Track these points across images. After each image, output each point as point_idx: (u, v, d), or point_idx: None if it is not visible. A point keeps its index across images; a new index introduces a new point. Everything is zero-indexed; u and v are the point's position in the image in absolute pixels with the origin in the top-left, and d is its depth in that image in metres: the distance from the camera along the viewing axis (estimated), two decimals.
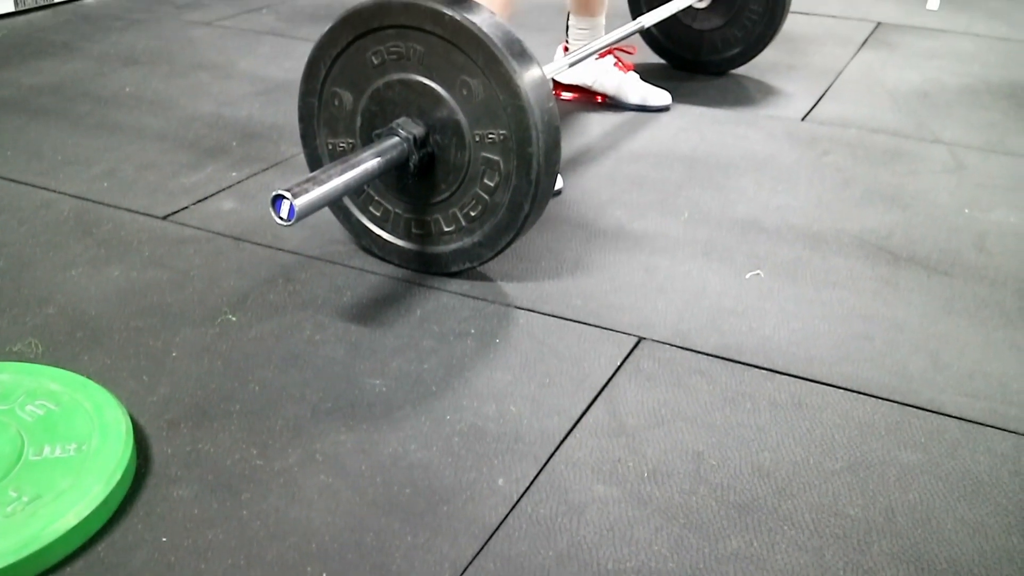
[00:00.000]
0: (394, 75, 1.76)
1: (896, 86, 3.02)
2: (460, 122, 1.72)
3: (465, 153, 1.74)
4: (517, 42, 1.69)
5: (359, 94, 1.81)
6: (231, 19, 3.54)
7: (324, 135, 1.89)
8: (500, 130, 1.69)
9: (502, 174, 1.72)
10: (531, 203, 1.73)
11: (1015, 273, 1.96)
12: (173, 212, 2.11)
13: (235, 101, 2.74)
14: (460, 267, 1.84)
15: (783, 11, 2.88)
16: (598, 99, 2.74)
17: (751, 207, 2.19)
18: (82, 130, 2.54)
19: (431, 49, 1.70)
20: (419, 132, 1.75)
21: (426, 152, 1.76)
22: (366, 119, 1.81)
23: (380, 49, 1.75)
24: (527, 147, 1.68)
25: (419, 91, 1.74)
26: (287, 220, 1.55)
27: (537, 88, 1.67)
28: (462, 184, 1.77)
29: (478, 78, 1.68)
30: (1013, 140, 2.64)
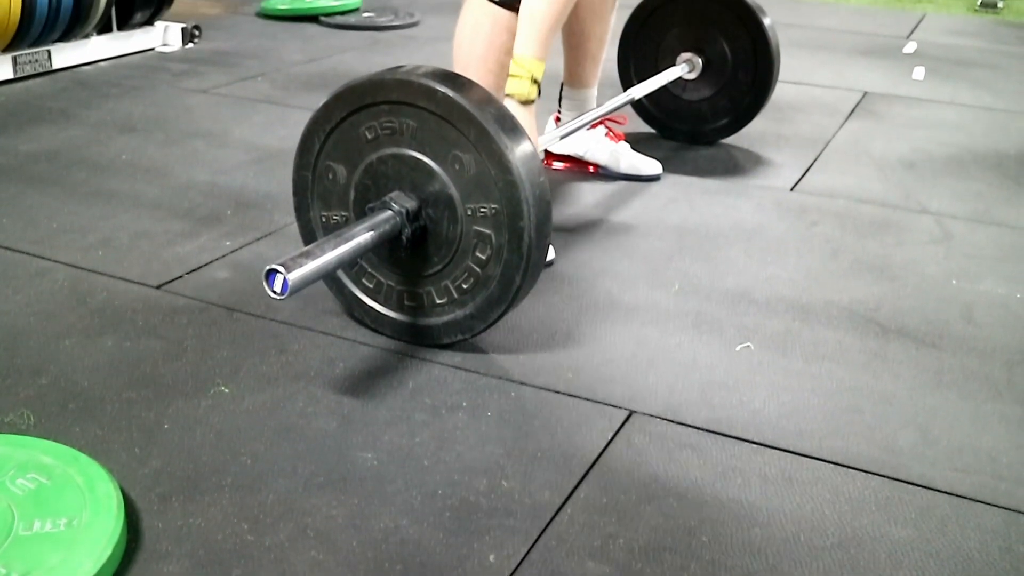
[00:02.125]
0: (387, 150, 1.78)
1: (883, 156, 3.06)
2: (452, 196, 1.75)
3: (457, 227, 1.76)
4: (508, 118, 1.72)
5: (353, 168, 1.83)
6: (226, 87, 3.58)
7: (318, 208, 1.91)
8: (492, 204, 1.71)
9: (494, 247, 1.74)
10: (522, 276, 1.74)
11: (1003, 345, 1.97)
12: (167, 281, 2.12)
13: (230, 169, 2.76)
14: (452, 339, 1.85)
15: (771, 82, 2.93)
16: (589, 168, 2.77)
17: (741, 278, 2.21)
18: (78, 198, 2.56)
19: (424, 124, 1.73)
20: (412, 206, 1.77)
21: (419, 225, 1.78)
22: (360, 192, 1.84)
23: (374, 124, 1.78)
24: (518, 221, 1.70)
25: (412, 165, 1.77)
26: (281, 294, 1.56)
27: (528, 163, 1.69)
28: (454, 257, 1.79)
29: (470, 153, 1.70)
30: (1000, 210, 2.67)
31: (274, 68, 3.86)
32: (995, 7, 5.74)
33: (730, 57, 2.93)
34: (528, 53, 1.98)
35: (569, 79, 2.69)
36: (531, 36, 1.98)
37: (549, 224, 1.76)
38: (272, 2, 4.84)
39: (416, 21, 4.70)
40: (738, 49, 2.92)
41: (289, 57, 4.04)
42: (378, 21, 4.65)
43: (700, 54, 2.94)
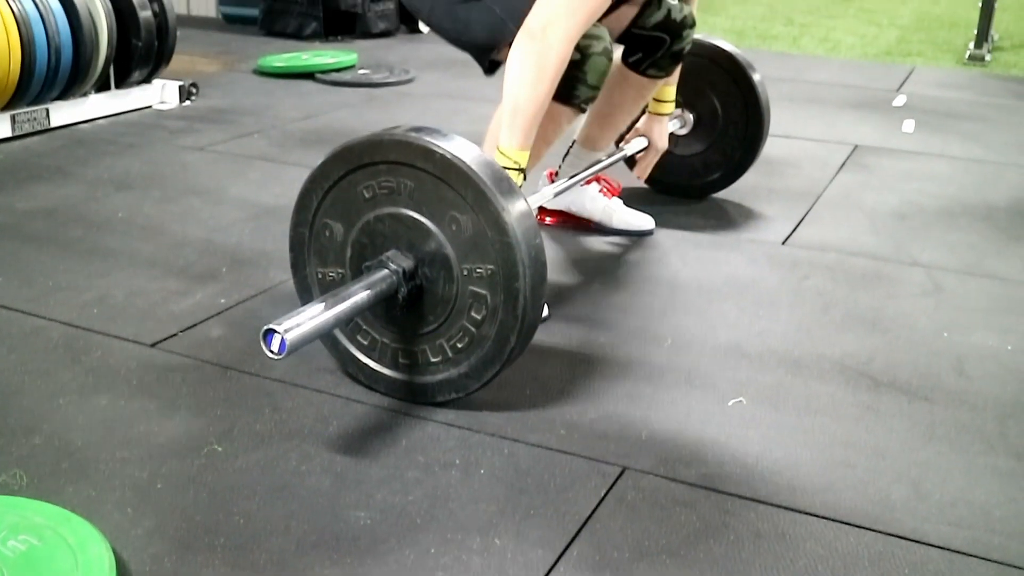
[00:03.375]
0: (385, 209, 1.80)
1: (874, 208, 3.09)
2: (449, 256, 1.76)
3: (453, 286, 1.77)
4: (506, 179, 1.74)
5: (350, 226, 1.85)
6: (223, 144, 3.61)
7: (314, 264, 1.92)
8: (488, 265, 1.73)
9: (489, 308, 1.75)
10: (517, 337, 1.75)
11: (995, 398, 1.98)
12: (162, 339, 2.13)
13: (225, 227, 2.78)
14: (446, 397, 1.85)
15: (762, 136, 2.96)
16: (584, 224, 2.79)
17: (733, 332, 2.22)
18: (74, 256, 2.57)
19: (421, 184, 1.75)
20: (408, 265, 1.78)
21: (415, 284, 1.80)
22: (356, 250, 1.85)
23: (372, 183, 1.80)
24: (514, 282, 1.71)
25: (409, 225, 1.78)
26: (278, 354, 1.58)
27: (524, 224, 1.71)
28: (449, 316, 1.80)
29: (467, 214, 1.72)
30: (990, 262, 2.69)
31: (270, 125, 3.90)
32: (983, 60, 5.80)
33: (720, 112, 2.96)
34: (514, 144, 2.01)
35: (584, 140, 2.71)
36: (516, 127, 2.01)
37: (544, 286, 1.77)
38: (269, 59, 4.89)
39: (411, 78, 4.75)
40: (728, 104, 2.95)
41: (285, 114, 4.08)
42: (374, 78, 4.70)
43: (691, 110, 2.97)
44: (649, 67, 2.53)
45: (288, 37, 5.78)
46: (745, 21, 7.19)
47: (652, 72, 2.54)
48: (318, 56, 4.98)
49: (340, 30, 5.83)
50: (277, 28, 5.86)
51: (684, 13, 2.48)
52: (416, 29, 6.15)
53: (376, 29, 5.91)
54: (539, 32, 1.99)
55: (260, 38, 5.82)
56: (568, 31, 2.01)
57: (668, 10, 2.46)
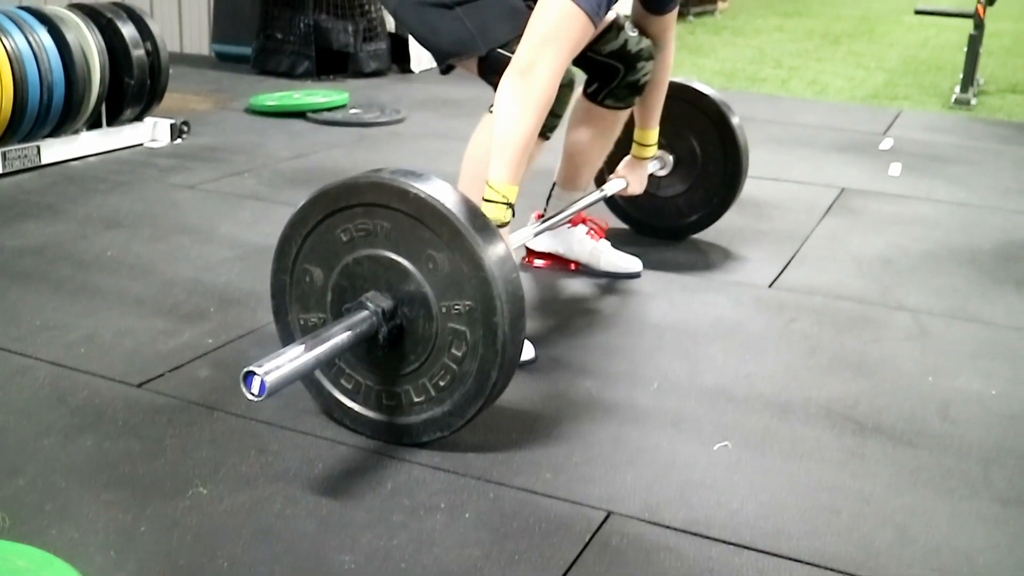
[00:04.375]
0: (363, 251, 1.82)
1: (860, 252, 3.11)
2: (427, 295, 1.77)
3: (433, 324, 1.78)
4: (480, 216, 1.76)
5: (329, 270, 1.86)
6: (213, 182, 3.63)
7: (296, 310, 1.93)
8: (466, 301, 1.74)
9: (469, 344, 1.76)
10: (498, 371, 1.76)
11: (979, 442, 1.99)
12: (149, 379, 2.13)
13: (214, 266, 2.79)
14: (431, 437, 1.85)
15: (741, 175, 2.98)
16: (571, 266, 2.81)
17: (719, 376, 2.23)
18: (62, 294, 2.57)
19: (397, 225, 1.77)
20: (388, 305, 1.79)
21: (395, 324, 1.80)
22: (336, 294, 1.86)
23: (349, 226, 1.82)
24: (492, 317, 1.72)
25: (387, 266, 1.80)
26: (259, 396, 1.58)
27: (500, 260, 1.73)
28: (430, 355, 1.81)
29: (443, 252, 1.74)
30: (975, 306, 2.71)
31: (261, 164, 3.91)
32: (968, 104, 5.86)
33: (700, 153, 2.98)
34: (503, 179, 2.03)
35: (563, 181, 2.74)
36: (505, 161, 2.03)
37: (523, 319, 1.78)
38: (260, 98, 4.92)
39: (402, 118, 4.78)
40: (708, 146, 2.97)
41: (276, 153, 4.10)
42: (365, 117, 4.73)
43: (671, 151, 2.99)
44: (606, 97, 2.56)
45: (280, 76, 5.80)
46: (735, 63, 7.26)
47: (610, 102, 2.57)
48: (310, 95, 5.01)
49: (332, 69, 5.87)
50: (270, 67, 5.89)
51: (641, 46, 2.52)
52: (408, 69, 6.19)
53: (368, 69, 5.94)
54: (528, 69, 2.02)
55: (252, 76, 5.85)
56: (555, 66, 2.04)
57: (625, 40, 2.50)
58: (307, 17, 5.79)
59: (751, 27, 9.89)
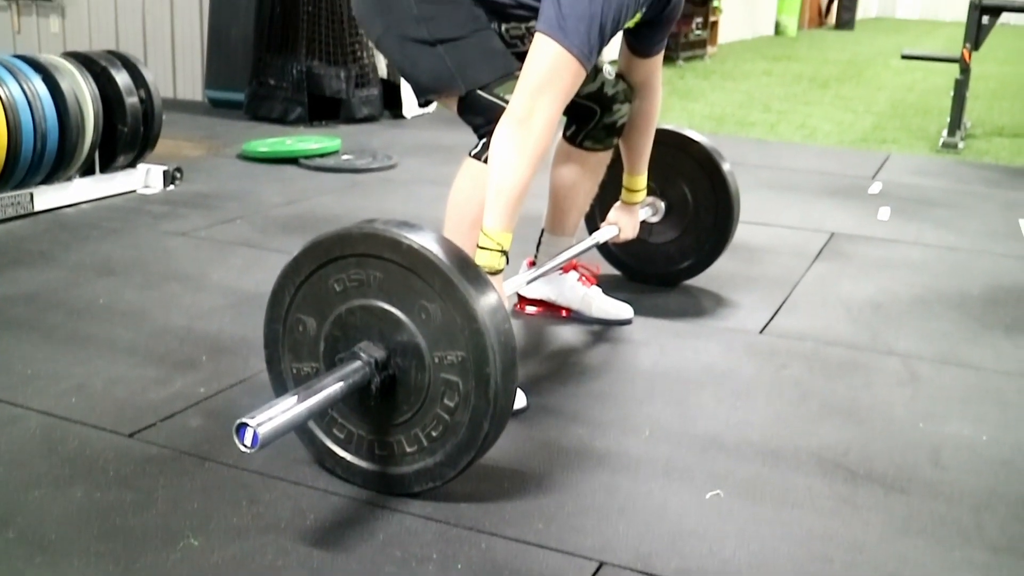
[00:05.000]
0: (355, 301, 1.82)
1: (850, 297, 3.13)
2: (420, 345, 1.78)
3: (425, 375, 1.79)
4: (472, 267, 1.77)
5: (322, 320, 1.87)
6: (206, 229, 3.64)
7: (288, 360, 1.94)
8: (458, 352, 1.75)
9: (461, 395, 1.77)
10: (491, 422, 1.76)
11: (971, 489, 1.99)
12: (140, 429, 2.12)
13: (206, 314, 2.79)
14: (423, 487, 1.85)
15: (733, 221, 3.00)
16: (562, 313, 2.82)
17: (711, 423, 2.24)
18: (53, 342, 2.57)
19: (390, 275, 1.78)
20: (380, 355, 1.80)
21: (387, 375, 1.81)
22: (329, 344, 1.87)
23: (342, 276, 1.82)
24: (485, 368, 1.73)
25: (380, 316, 1.80)
26: (251, 447, 1.58)
27: (493, 310, 1.74)
28: (423, 405, 1.81)
29: (436, 302, 1.75)
30: (964, 351, 2.72)
31: (253, 210, 3.93)
32: (956, 147, 5.92)
33: (691, 200, 3.00)
34: (497, 226, 2.05)
35: (551, 226, 2.76)
36: (500, 209, 2.04)
37: (515, 370, 1.79)
38: (253, 145, 4.94)
39: (394, 164, 4.81)
40: (699, 192, 3.00)
41: (268, 199, 4.11)
42: (356, 164, 4.75)
43: (662, 198, 3.01)
44: (584, 139, 2.59)
45: (273, 122, 5.84)
46: (724, 108, 7.33)
47: (588, 144, 2.60)
48: (302, 141, 5.04)
49: (325, 115, 5.91)
50: (262, 113, 5.92)
51: (617, 88, 2.55)
52: (400, 114, 6.23)
53: (360, 114, 5.99)
54: (525, 118, 2.04)
55: (245, 122, 5.89)
56: (551, 114, 2.06)
57: (602, 83, 2.53)
58: (300, 63, 5.83)
59: (740, 71, 9.99)
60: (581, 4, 2.05)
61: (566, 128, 2.61)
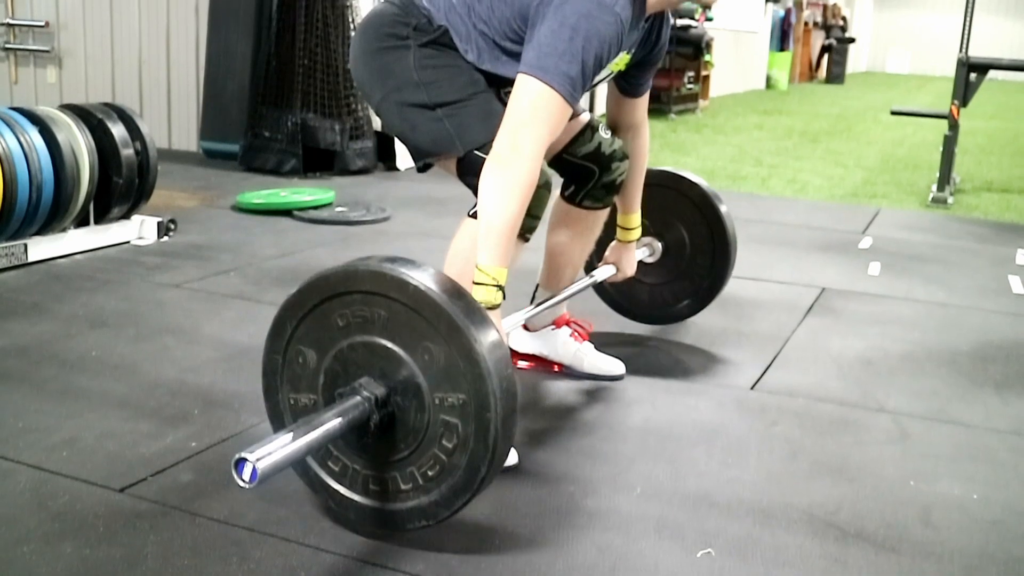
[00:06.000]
0: (358, 337, 1.82)
1: (841, 353, 3.14)
2: (421, 385, 1.78)
3: (425, 415, 1.79)
4: (478, 311, 1.78)
5: (323, 353, 1.87)
6: (199, 281, 3.65)
7: (286, 391, 1.93)
8: (460, 395, 1.75)
9: (460, 437, 1.76)
10: (488, 467, 1.76)
11: (961, 549, 1.99)
12: (131, 484, 2.12)
13: (199, 367, 2.79)
14: (416, 525, 1.84)
15: (729, 264, 3.03)
16: (554, 368, 2.82)
17: (702, 481, 2.24)
18: (45, 395, 2.57)
19: (395, 315, 1.78)
20: (380, 393, 1.80)
21: (387, 412, 1.80)
22: (329, 377, 1.86)
23: (346, 312, 1.82)
24: (485, 413, 1.73)
25: (382, 354, 1.80)
26: (250, 483, 1.57)
27: (496, 356, 1.73)
28: (421, 444, 1.80)
29: (440, 344, 1.75)
30: (954, 408, 2.73)
31: (247, 263, 3.94)
32: (945, 203, 5.97)
33: (688, 242, 3.03)
34: (492, 262, 2.06)
35: (546, 282, 2.77)
36: (493, 245, 2.06)
37: (515, 416, 1.79)
38: (247, 196, 4.97)
39: (387, 216, 4.84)
40: (696, 235, 3.02)
41: (262, 252, 4.13)
42: (350, 216, 4.78)
43: (659, 239, 3.04)
44: (584, 198, 2.62)
45: (267, 173, 5.88)
46: (715, 161, 7.39)
47: (587, 203, 2.63)
48: (296, 193, 5.06)
49: (319, 167, 5.95)
50: (257, 164, 5.96)
51: (614, 147, 2.59)
52: (393, 167, 6.28)
53: (354, 167, 6.02)
54: (509, 154, 2.06)
55: (240, 173, 5.92)
56: (535, 149, 2.08)
57: (599, 142, 2.57)
58: (294, 115, 5.89)
59: (731, 125, 10.09)
60: (560, 43, 2.07)
61: (564, 188, 2.64)
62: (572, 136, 2.53)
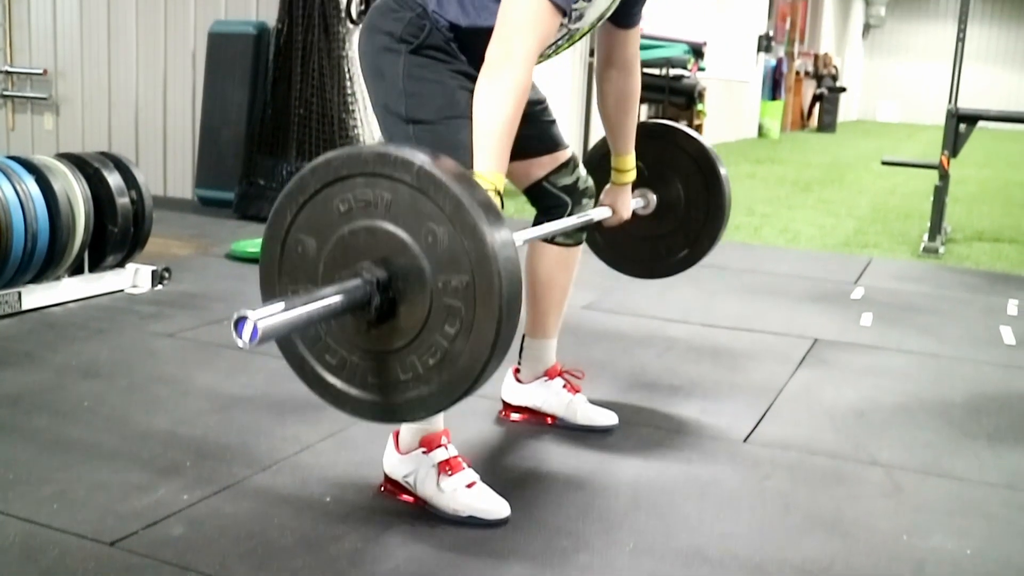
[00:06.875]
0: (360, 222, 1.79)
1: (833, 405, 3.14)
2: (423, 268, 1.74)
3: (426, 299, 1.75)
4: (482, 192, 1.75)
5: (323, 242, 1.83)
6: (192, 331, 3.65)
7: (285, 282, 1.89)
8: (463, 276, 1.71)
9: (463, 321, 1.72)
10: (491, 352, 1.72)
11: None
12: (121, 538, 2.11)
13: (191, 418, 2.79)
14: (415, 417, 1.80)
15: (724, 214, 2.98)
16: (546, 420, 2.82)
17: (694, 536, 2.23)
18: (36, 446, 2.57)
19: (399, 197, 1.74)
20: (382, 275, 1.77)
21: (387, 297, 1.77)
22: (328, 267, 1.82)
23: (348, 196, 1.79)
24: (489, 294, 1.69)
25: (384, 238, 1.77)
26: (250, 342, 1.55)
27: (501, 237, 1.70)
28: (422, 332, 1.76)
29: (444, 225, 1.71)
30: (947, 461, 2.73)
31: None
32: (937, 252, 6.00)
33: (683, 196, 2.97)
34: (490, 167, 2.06)
35: (531, 330, 2.78)
36: (489, 149, 2.06)
37: (519, 301, 1.75)
38: (242, 244, 4.98)
39: None
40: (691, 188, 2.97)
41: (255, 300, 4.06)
42: None
43: (654, 190, 2.98)
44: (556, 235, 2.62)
45: (262, 221, 5.81)
46: None
47: (560, 240, 2.65)
48: None
49: None
50: (251, 212, 5.98)
51: (588, 184, 2.64)
52: None
53: None
54: (502, 61, 2.07)
55: (234, 221, 5.94)
56: (528, 53, 2.09)
57: (577, 178, 2.61)
58: (289, 164, 5.92)
59: None
60: None
61: (535, 222, 2.64)
62: (556, 166, 2.59)
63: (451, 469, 2.29)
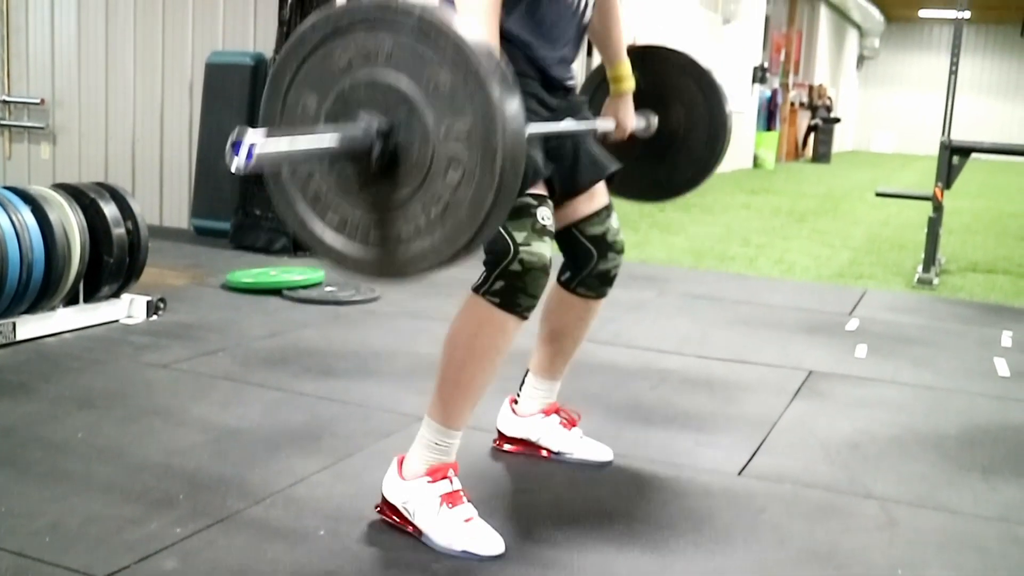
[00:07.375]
0: (360, 73, 1.78)
1: (828, 437, 3.14)
2: (425, 117, 1.73)
3: (428, 148, 1.73)
4: (484, 38, 1.74)
5: (324, 96, 1.82)
6: (187, 361, 3.65)
7: None
8: (465, 120, 1.70)
9: (466, 168, 1.71)
10: (494, 197, 1.70)
11: None
12: (113, 572, 2.10)
13: (185, 450, 2.78)
14: (419, 271, 1.79)
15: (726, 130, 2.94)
16: (542, 453, 2.82)
17: (689, 570, 2.23)
18: (29, 478, 2.56)
19: (400, 44, 1.74)
20: (383, 124, 1.76)
21: (389, 146, 1.76)
22: (330, 121, 1.81)
23: (349, 47, 1.78)
24: (492, 138, 1.67)
25: (385, 89, 1.76)
26: (245, 163, 1.52)
27: (503, 80, 1.69)
28: (424, 182, 1.75)
29: (446, 69, 1.70)
30: (942, 494, 2.73)
31: (235, 343, 3.94)
32: (931, 284, 6.02)
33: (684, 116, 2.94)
34: None
35: (536, 368, 2.78)
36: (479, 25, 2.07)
37: (523, 148, 1.73)
38: (237, 275, 4.99)
39: (376, 296, 4.85)
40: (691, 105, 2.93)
41: (251, 331, 4.13)
42: (340, 296, 4.79)
43: (655, 111, 2.92)
44: (578, 285, 2.62)
45: (257, 251, 5.90)
46: (703, 241, 7.45)
47: (581, 291, 2.64)
48: (286, 272, 5.08)
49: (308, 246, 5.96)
50: (247, 242, 5.99)
51: (617, 238, 2.62)
52: None
53: None
54: None
55: (230, 251, 5.95)
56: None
57: (607, 229, 2.59)
58: None
59: (719, 204, 10.18)
60: None
61: (561, 272, 2.64)
62: (591, 213, 2.57)
63: (452, 503, 2.28)
